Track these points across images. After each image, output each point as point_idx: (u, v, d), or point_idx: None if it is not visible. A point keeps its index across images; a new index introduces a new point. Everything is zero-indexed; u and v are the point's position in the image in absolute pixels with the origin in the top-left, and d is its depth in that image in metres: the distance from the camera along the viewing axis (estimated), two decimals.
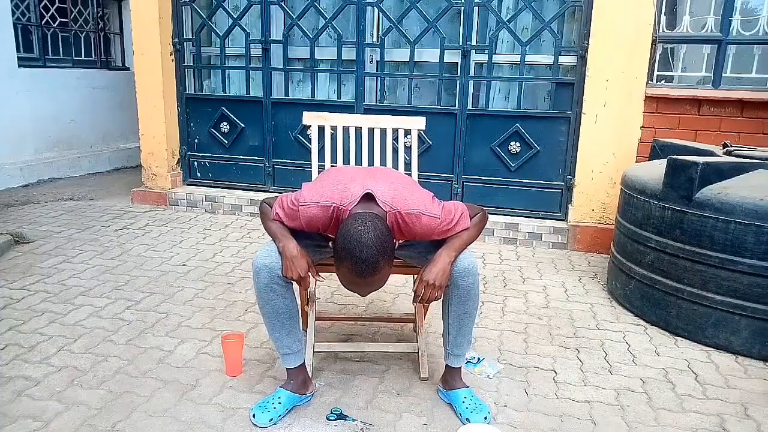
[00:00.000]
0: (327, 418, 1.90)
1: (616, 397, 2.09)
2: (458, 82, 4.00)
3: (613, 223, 3.29)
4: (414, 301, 1.83)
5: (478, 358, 2.29)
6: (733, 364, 2.36)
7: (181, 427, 1.83)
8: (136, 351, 2.30)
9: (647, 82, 3.56)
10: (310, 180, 2.27)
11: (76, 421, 1.83)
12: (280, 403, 1.90)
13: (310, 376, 2.05)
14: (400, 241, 1.94)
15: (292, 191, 1.87)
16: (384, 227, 1.62)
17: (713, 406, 2.05)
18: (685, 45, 3.67)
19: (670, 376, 2.25)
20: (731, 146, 2.95)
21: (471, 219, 1.85)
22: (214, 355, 2.28)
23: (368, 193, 1.73)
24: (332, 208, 1.75)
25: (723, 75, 3.54)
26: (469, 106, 4.00)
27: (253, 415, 1.87)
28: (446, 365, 2.01)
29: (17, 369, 2.14)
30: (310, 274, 1.82)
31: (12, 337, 2.38)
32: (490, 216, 3.91)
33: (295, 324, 1.93)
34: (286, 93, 4.41)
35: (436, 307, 1.98)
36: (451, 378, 2.00)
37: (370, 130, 2.44)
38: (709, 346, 2.48)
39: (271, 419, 1.86)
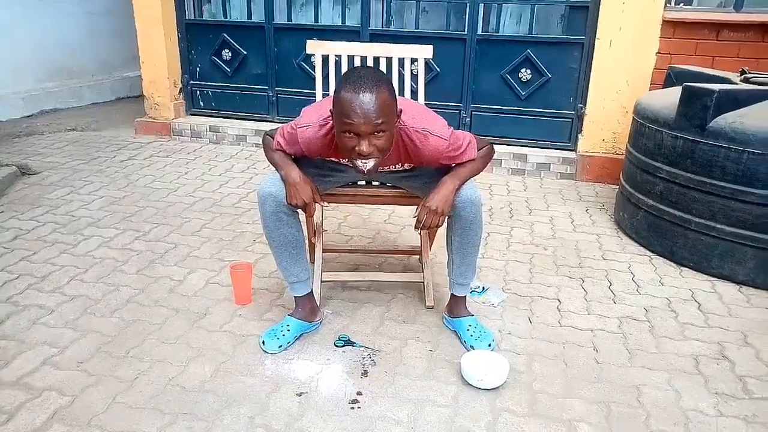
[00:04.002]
0: (335, 345, 1.95)
1: (619, 325, 2.12)
2: (468, 5, 3.83)
3: (623, 153, 3.24)
4: (416, 227, 1.80)
5: (483, 288, 2.32)
6: (737, 293, 2.38)
7: (193, 353, 1.88)
8: (147, 281, 2.34)
9: (665, 5, 3.40)
10: None
11: (91, 348, 1.89)
12: (288, 330, 1.95)
13: (318, 305, 2.09)
14: (406, 166, 1.90)
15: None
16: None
17: (714, 334, 2.08)
18: None
19: (673, 305, 2.27)
20: (749, 73, 2.84)
21: (478, 151, 1.82)
22: (224, 285, 2.32)
23: None
24: (330, 125, 1.69)
25: None
26: (479, 31, 3.86)
27: (263, 342, 1.92)
28: (451, 294, 2.04)
29: (32, 298, 2.19)
30: (314, 200, 1.81)
31: (24, 267, 2.42)
32: (498, 146, 3.86)
33: (302, 253, 1.94)
34: (289, 18, 4.25)
35: (441, 237, 1.99)
36: (456, 306, 2.04)
37: (376, 59, 2.38)
38: (713, 276, 2.49)
39: (280, 346, 1.91)
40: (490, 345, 1.92)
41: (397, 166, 1.88)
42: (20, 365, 1.79)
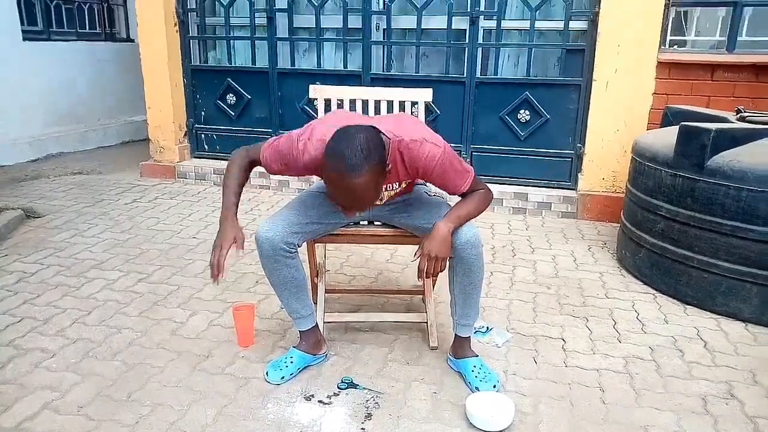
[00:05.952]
0: (338, 387, 1.93)
1: (625, 365, 2.10)
2: (466, 49, 3.93)
3: (623, 192, 3.26)
4: (419, 276, 1.79)
5: (487, 328, 2.31)
6: (743, 331, 2.36)
7: (195, 396, 1.86)
8: (149, 323, 2.34)
9: (660, 47, 3.48)
10: None
11: (92, 392, 1.87)
12: (292, 362, 1.96)
13: (324, 338, 2.09)
14: (403, 184, 1.89)
15: None
16: (376, 136, 1.60)
17: (721, 373, 2.05)
18: (699, 8, 3.58)
19: (678, 344, 2.25)
20: (745, 112, 2.89)
21: (475, 191, 1.82)
22: (226, 327, 2.31)
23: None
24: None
25: (738, 39, 3.45)
26: (478, 74, 3.94)
27: (266, 373, 1.94)
28: (455, 335, 2.03)
29: (34, 341, 2.18)
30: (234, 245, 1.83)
31: (27, 310, 2.41)
32: (499, 186, 3.91)
33: (303, 290, 1.96)
34: (292, 63, 4.36)
35: (444, 277, 1.99)
36: (460, 347, 2.02)
37: (377, 103, 2.42)
38: (718, 314, 2.48)
39: (283, 377, 1.92)
40: (495, 386, 1.89)
41: (395, 185, 1.85)
42: (20, 410, 1.77)
